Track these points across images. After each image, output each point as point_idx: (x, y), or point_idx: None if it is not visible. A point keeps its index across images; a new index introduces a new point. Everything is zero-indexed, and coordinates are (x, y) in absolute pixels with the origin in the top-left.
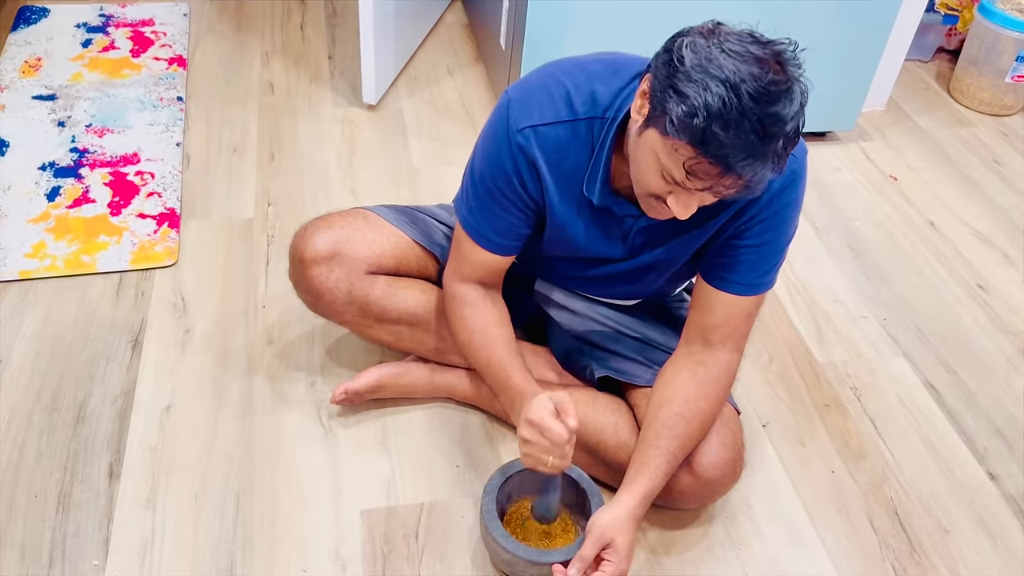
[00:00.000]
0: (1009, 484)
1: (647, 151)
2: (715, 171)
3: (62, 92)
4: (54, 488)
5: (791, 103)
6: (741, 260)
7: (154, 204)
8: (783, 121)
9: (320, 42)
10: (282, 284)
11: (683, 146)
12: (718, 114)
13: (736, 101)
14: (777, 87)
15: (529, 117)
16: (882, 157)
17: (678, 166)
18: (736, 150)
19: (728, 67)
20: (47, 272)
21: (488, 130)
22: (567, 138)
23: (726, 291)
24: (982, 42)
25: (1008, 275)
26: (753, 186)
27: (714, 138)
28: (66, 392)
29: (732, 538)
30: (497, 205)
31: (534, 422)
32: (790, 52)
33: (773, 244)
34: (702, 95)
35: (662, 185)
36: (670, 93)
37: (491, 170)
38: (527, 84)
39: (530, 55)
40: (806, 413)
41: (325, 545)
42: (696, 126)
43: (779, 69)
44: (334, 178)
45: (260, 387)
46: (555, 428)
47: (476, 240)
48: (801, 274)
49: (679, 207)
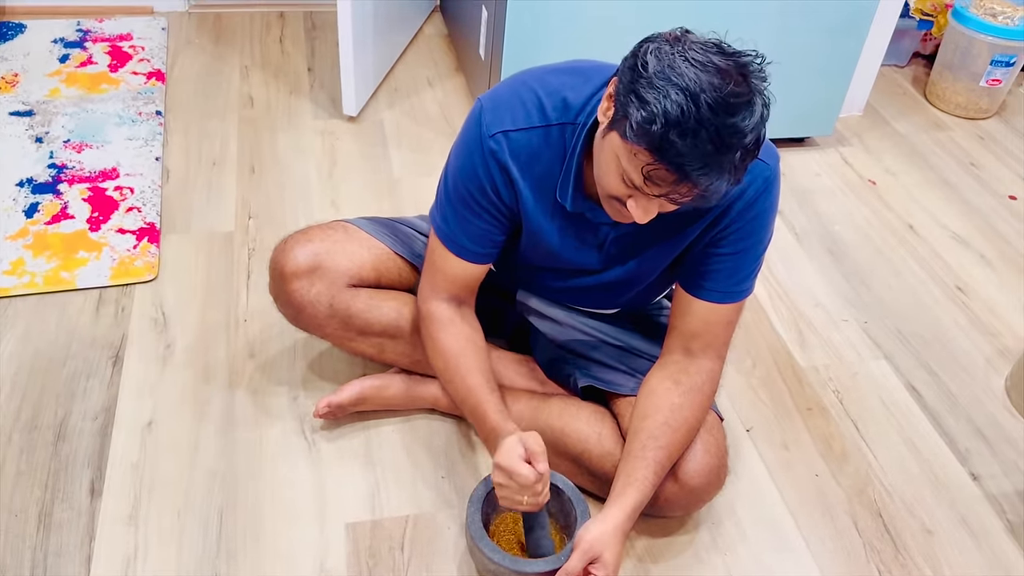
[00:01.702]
0: (991, 484)
1: (609, 153)
2: (671, 178)
3: (39, 108)
4: (35, 507)
5: (751, 115)
6: (718, 268)
7: (134, 219)
8: (741, 133)
9: (299, 55)
10: (263, 298)
11: (641, 151)
12: (676, 122)
13: (695, 110)
14: (737, 99)
15: (501, 123)
16: (860, 162)
17: (637, 171)
18: (693, 159)
19: (689, 75)
20: (26, 289)
21: (461, 137)
22: (539, 143)
23: (705, 299)
24: (957, 47)
25: (986, 276)
26: (709, 195)
27: (671, 146)
28: (46, 409)
29: (718, 544)
30: (471, 212)
31: (503, 467)
32: (755, 64)
33: (750, 252)
34: (662, 102)
35: (622, 188)
36: (632, 98)
37: (464, 177)
38: (499, 92)
39: (509, 65)
40: (789, 417)
41: (310, 559)
42: (654, 132)
43: (741, 80)
44: (315, 190)
45: (242, 401)
46: (523, 471)
47: (450, 248)
48: (782, 279)
49: (638, 211)
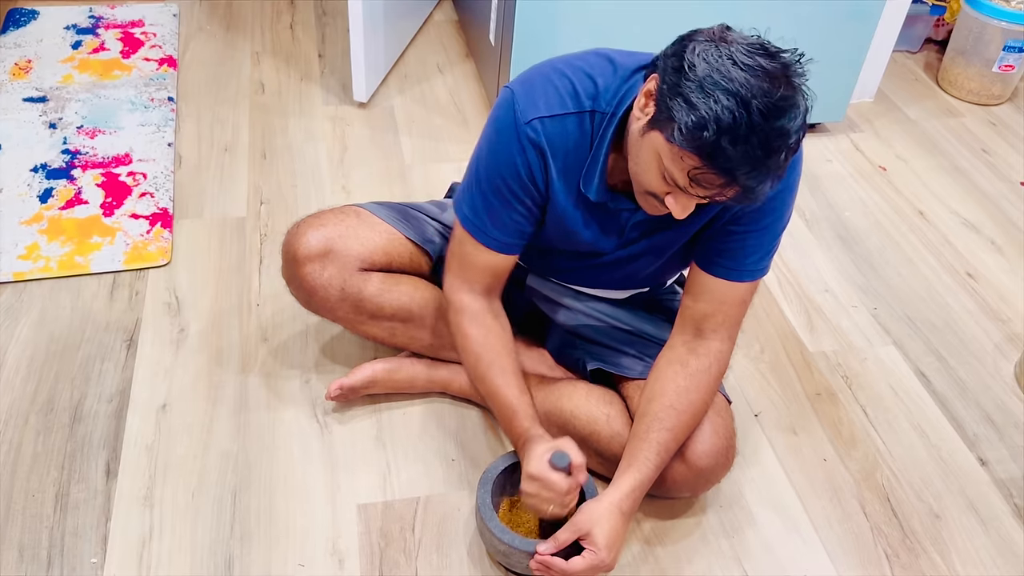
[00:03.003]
0: (999, 469)
1: (650, 153)
2: (719, 181)
3: (53, 94)
4: (52, 488)
5: (797, 116)
6: (738, 246)
7: (146, 204)
8: (788, 135)
9: (310, 41)
10: (276, 282)
11: (689, 156)
12: (728, 128)
13: (746, 116)
14: (785, 102)
15: (536, 109)
16: (871, 148)
17: (682, 173)
18: (742, 164)
19: (739, 80)
20: (41, 273)
21: (493, 125)
22: (573, 130)
23: (721, 277)
24: (969, 32)
25: (996, 263)
26: (756, 197)
27: (722, 152)
28: (62, 393)
29: (725, 527)
30: (503, 202)
31: (536, 476)
32: (797, 64)
33: (770, 229)
34: (712, 108)
35: (662, 186)
36: (679, 101)
37: (499, 165)
38: (530, 78)
39: (520, 51)
40: (798, 402)
41: (322, 540)
42: (705, 139)
43: (787, 83)
44: (326, 176)
45: (255, 385)
46: (558, 481)
47: (480, 239)
48: (792, 265)
49: (677, 207)
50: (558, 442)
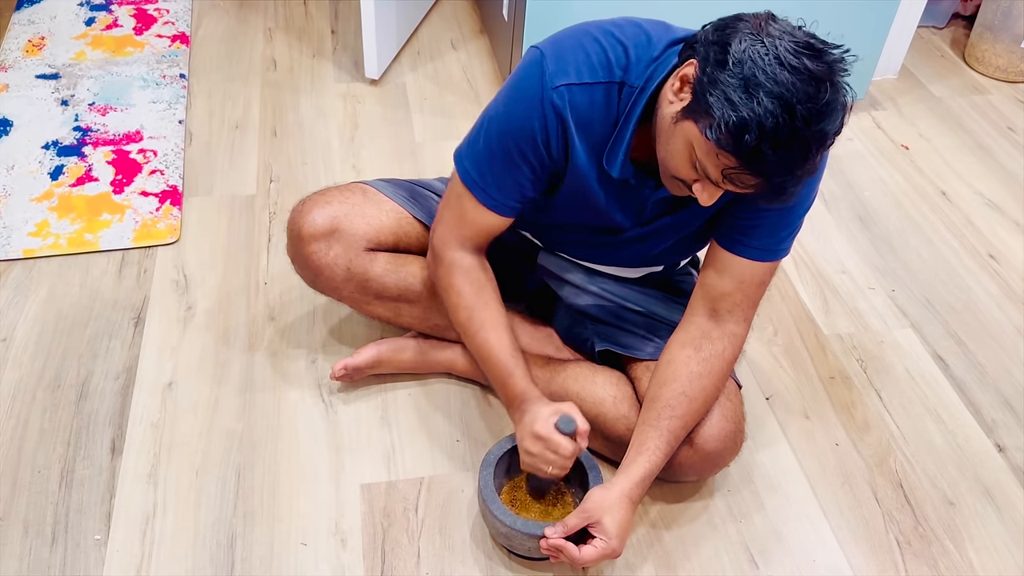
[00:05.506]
0: (1017, 456)
1: (682, 141)
2: (752, 182)
3: (65, 71)
4: (57, 464)
5: (837, 118)
6: (761, 223)
7: (156, 182)
8: (828, 136)
9: (323, 17)
10: (284, 261)
11: (726, 156)
12: (770, 134)
13: (789, 121)
14: (828, 107)
15: (566, 75)
16: (894, 126)
17: (716, 169)
18: (780, 167)
19: (785, 83)
20: (50, 251)
21: (515, 85)
22: (600, 101)
23: (742, 256)
24: (998, 7)
25: (1020, 244)
26: (787, 197)
27: (761, 156)
28: (69, 369)
29: (733, 511)
30: (511, 164)
31: (542, 436)
32: (842, 64)
33: (795, 209)
34: (756, 111)
35: (691, 174)
36: (719, 96)
37: (513, 127)
38: (561, 40)
39: (532, 26)
40: (811, 386)
41: (325, 519)
42: (746, 143)
43: (831, 85)
44: (336, 154)
45: (261, 364)
46: (564, 444)
47: (479, 197)
48: (808, 245)
49: (704, 195)
50: (561, 406)
